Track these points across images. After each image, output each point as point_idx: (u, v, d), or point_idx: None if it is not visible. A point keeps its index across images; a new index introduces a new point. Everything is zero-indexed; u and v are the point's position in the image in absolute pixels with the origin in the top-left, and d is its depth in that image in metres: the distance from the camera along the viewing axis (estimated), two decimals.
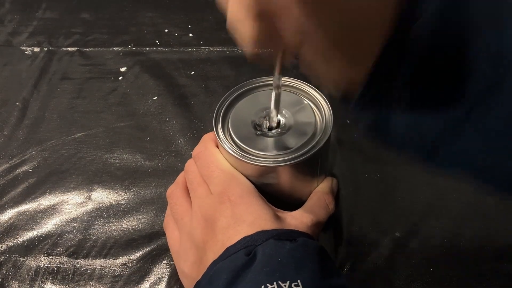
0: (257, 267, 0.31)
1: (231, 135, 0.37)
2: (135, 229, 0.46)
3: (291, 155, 0.35)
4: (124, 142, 0.53)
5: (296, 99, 0.40)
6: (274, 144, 0.37)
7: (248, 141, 0.37)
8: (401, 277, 0.41)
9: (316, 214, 0.38)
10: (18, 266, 0.44)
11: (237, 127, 0.38)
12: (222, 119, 0.39)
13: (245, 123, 0.38)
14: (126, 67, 0.62)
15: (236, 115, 0.39)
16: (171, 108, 0.56)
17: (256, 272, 0.30)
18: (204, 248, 0.35)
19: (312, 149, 0.36)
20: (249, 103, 0.40)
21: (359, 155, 0.50)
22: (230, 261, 0.32)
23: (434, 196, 0.46)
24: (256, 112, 0.39)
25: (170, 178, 0.49)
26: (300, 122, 0.38)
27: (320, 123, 0.38)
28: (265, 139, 0.37)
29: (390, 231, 0.44)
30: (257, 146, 0.36)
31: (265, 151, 0.36)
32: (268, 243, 0.32)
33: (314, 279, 0.30)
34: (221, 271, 0.32)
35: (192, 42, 0.64)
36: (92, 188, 0.49)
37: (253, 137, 0.37)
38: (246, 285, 0.30)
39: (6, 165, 0.52)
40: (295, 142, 0.36)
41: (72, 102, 0.58)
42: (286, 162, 0.35)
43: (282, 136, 0.37)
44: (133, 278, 0.42)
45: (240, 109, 0.39)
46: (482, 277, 0.41)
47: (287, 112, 0.39)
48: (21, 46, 0.66)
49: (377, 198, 0.47)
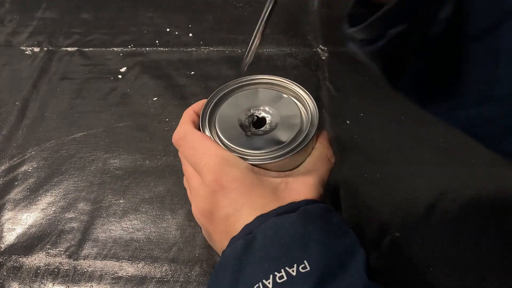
0: (261, 254, 0.30)
1: (220, 137, 0.37)
2: (135, 229, 0.46)
3: (280, 151, 0.35)
4: (124, 142, 0.53)
5: (280, 96, 0.40)
6: (262, 141, 0.37)
7: (236, 141, 0.37)
8: (401, 277, 0.41)
9: (319, 170, 0.37)
10: (18, 266, 0.44)
11: (224, 128, 0.38)
12: (209, 121, 0.38)
13: (232, 124, 0.38)
14: (126, 67, 0.61)
15: (222, 116, 0.39)
16: (171, 108, 0.56)
17: (260, 259, 0.29)
18: (211, 239, 0.35)
19: (302, 143, 0.36)
20: (233, 103, 0.40)
21: (359, 155, 0.50)
22: (232, 250, 0.31)
23: (434, 196, 0.46)
24: (241, 112, 0.39)
25: (170, 178, 0.49)
26: (285, 118, 0.38)
27: (306, 117, 0.38)
28: (253, 138, 0.37)
29: (390, 231, 0.44)
30: (246, 145, 0.36)
31: (254, 149, 0.36)
32: (268, 224, 0.31)
33: (321, 253, 0.29)
34: (226, 262, 0.31)
35: (192, 42, 0.64)
36: (91, 188, 0.49)
37: (241, 136, 0.37)
38: (252, 275, 0.29)
39: (6, 165, 0.52)
40: (284, 138, 0.36)
41: (72, 102, 0.58)
42: (277, 159, 0.35)
43: (270, 133, 0.37)
44: (134, 279, 0.42)
45: (225, 110, 0.39)
46: (482, 277, 0.41)
47: (272, 109, 0.39)
48: (21, 46, 0.66)
49: (377, 198, 0.46)
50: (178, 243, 0.44)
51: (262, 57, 0.62)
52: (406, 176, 0.48)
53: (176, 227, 0.46)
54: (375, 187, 0.47)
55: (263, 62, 0.61)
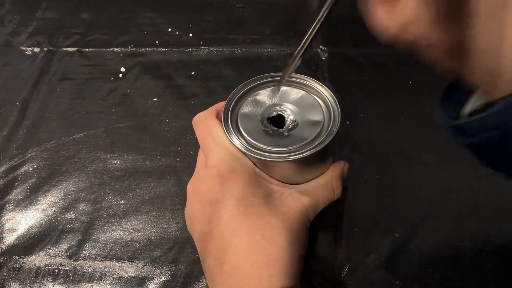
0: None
1: (240, 130, 0.37)
2: (135, 229, 0.46)
3: (299, 151, 0.35)
4: (124, 143, 0.53)
5: (304, 95, 0.40)
6: (283, 139, 0.37)
7: (256, 137, 0.37)
8: (401, 277, 0.41)
9: (318, 196, 0.38)
10: (18, 267, 0.44)
11: (246, 122, 0.38)
12: (231, 117, 0.38)
13: (254, 119, 0.38)
14: (126, 67, 0.61)
15: (246, 110, 0.39)
16: (171, 108, 0.56)
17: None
18: (193, 218, 0.37)
19: (322, 144, 0.36)
20: (257, 99, 0.40)
21: (359, 155, 0.50)
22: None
23: (434, 196, 0.46)
24: (265, 108, 0.39)
25: (170, 179, 0.49)
26: (308, 118, 0.38)
27: (328, 119, 0.38)
28: (274, 135, 0.37)
29: (390, 231, 0.44)
30: (266, 141, 0.36)
31: (274, 147, 0.36)
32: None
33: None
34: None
35: (192, 43, 0.64)
36: (92, 188, 0.49)
37: (261, 133, 0.37)
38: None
39: (6, 165, 0.52)
40: (304, 137, 0.36)
41: (72, 102, 0.58)
42: (293, 157, 0.35)
43: (291, 132, 0.37)
44: (134, 280, 0.42)
45: (250, 104, 0.39)
46: (482, 277, 0.41)
47: (295, 108, 0.39)
48: (21, 46, 0.66)
49: (377, 198, 0.47)
50: (178, 244, 0.44)
51: (262, 57, 0.62)
52: (406, 176, 0.48)
53: (176, 227, 0.46)
54: (375, 187, 0.47)
55: (262, 62, 0.61)
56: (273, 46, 0.63)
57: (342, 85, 0.57)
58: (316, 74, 0.59)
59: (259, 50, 0.63)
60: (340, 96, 0.38)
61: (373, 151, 0.50)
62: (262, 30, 0.65)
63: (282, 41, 0.64)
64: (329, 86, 0.39)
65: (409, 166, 0.49)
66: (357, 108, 0.55)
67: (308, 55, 0.61)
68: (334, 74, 0.59)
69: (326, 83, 0.57)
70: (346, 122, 0.53)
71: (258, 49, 0.63)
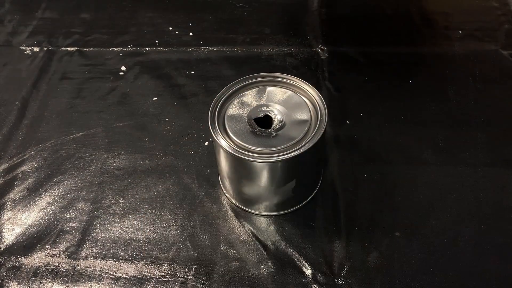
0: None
1: (227, 132, 0.37)
2: (134, 229, 0.46)
3: (288, 151, 0.35)
4: (123, 142, 0.53)
5: (290, 95, 0.40)
6: (271, 140, 0.37)
7: (244, 138, 0.37)
8: (401, 277, 0.41)
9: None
10: (18, 266, 0.44)
11: (233, 124, 0.38)
12: (218, 116, 0.38)
13: (241, 120, 0.38)
14: (126, 67, 0.61)
15: (232, 112, 0.39)
16: (171, 108, 0.56)
17: None
18: None
19: (310, 142, 0.36)
20: (244, 101, 0.40)
21: (359, 155, 0.50)
22: None
23: (434, 196, 0.46)
24: (252, 109, 0.39)
25: (169, 178, 0.49)
26: (295, 117, 0.38)
27: (315, 117, 0.38)
28: (262, 136, 0.37)
29: (390, 230, 0.44)
30: (253, 142, 0.36)
31: (262, 147, 0.36)
32: None
33: None
34: None
35: (191, 42, 0.64)
36: (91, 188, 0.49)
37: (249, 134, 0.37)
38: None
39: (5, 165, 0.52)
40: (292, 137, 0.36)
41: (71, 102, 0.58)
42: (281, 157, 0.35)
43: (279, 132, 0.37)
44: (133, 279, 0.42)
45: (236, 105, 0.39)
46: (482, 277, 0.41)
47: (282, 108, 0.39)
48: (21, 46, 0.66)
49: (377, 198, 0.46)
50: (177, 243, 0.44)
51: (262, 57, 0.62)
52: (406, 176, 0.48)
53: (175, 227, 0.46)
54: (375, 187, 0.47)
55: (262, 61, 0.61)
56: (273, 46, 0.63)
57: (342, 85, 0.57)
58: (316, 73, 0.59)
59: (259, 49, 0.63)
60: (340, 96, 0.38)
61: (373, 151, 0.50)
62: (262, 29, 0.65)
63: (282, 40, 0.63)
64: (329, 86, 0.39)
65: (409, 165, 0.49)
66: (357, 107, 0.55)
67: (308, 54, 0.61)
68: (334, 73, 0.59)
69: (326, 82, 0.57)
70: (346, 121, 0.53)
71: (258, 49, 0.63)
